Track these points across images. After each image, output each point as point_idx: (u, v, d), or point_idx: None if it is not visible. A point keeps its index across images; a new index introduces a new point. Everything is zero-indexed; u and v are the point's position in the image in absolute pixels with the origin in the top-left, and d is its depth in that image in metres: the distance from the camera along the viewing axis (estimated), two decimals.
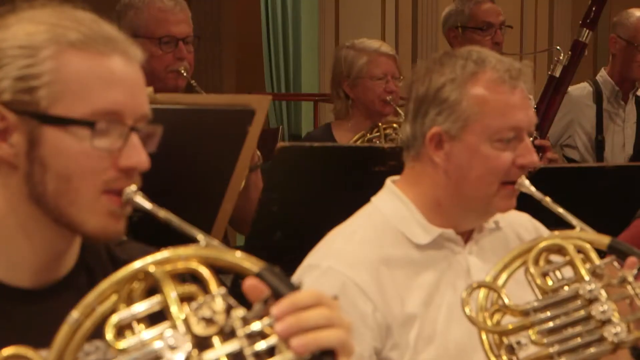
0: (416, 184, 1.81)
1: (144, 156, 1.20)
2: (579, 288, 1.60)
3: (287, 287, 1.04)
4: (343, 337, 1.06)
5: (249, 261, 1.07)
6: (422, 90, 1.77)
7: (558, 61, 3.52)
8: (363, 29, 6.44)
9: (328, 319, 1.06)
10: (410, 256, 1.77)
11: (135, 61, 1.23)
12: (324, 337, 1.04)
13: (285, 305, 1.04)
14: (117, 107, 1.19)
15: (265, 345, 1.02)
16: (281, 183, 2.10)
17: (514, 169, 1.75)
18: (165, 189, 1.88)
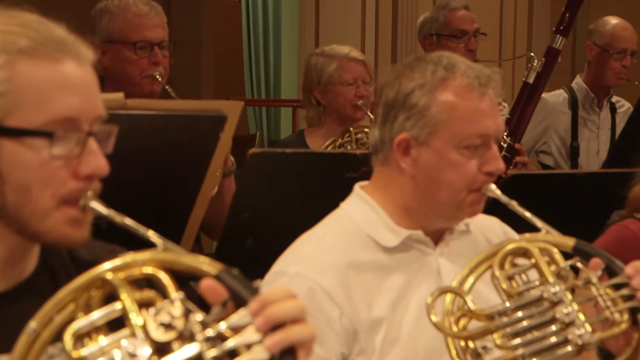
0: (384, 189, 1.83)
1: (102, 161, 1.20)
2: (544, 291, 1.62)
3: (246, 290, 1.05)
4: (312, 333, 1.06)
5: (207, 264, 1.08)
6: (392, 95, 1.78)
7: (532, 68, 3.56)
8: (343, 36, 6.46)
9: (300, 312, 1.06)
10: (379, 260, 1.79)
11: (87, 63, 1.21)
12: (296, 332, 1.04)
13: (261, 299, 1.04)
14: (74, 113, 1.17)
15: (225, 348, 1.03)
16: (253, 189, 2.12)
17: (480, 176, 1.77)
18: (135, 195, 1.90)
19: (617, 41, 3.95)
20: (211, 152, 1.92)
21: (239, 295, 1.05)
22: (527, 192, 2.72)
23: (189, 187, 1.96)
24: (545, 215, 2.80)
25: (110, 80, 2.74)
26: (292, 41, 7.04)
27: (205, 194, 1.99)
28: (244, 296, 1.05)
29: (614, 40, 3.96)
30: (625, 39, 3.96)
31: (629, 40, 3.96)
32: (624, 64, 3.94)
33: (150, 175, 1.89)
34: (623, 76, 3.95)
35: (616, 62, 3.94)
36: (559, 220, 2.81)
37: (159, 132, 1.87)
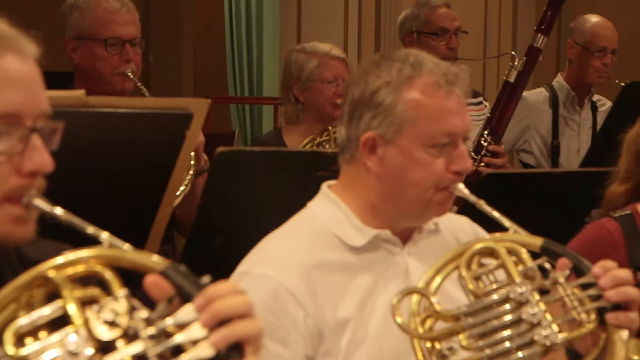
0: (351, 188, 1.80)
1: (46, 157, 1.17)
2: (510, 291, 1.60)
3: (192, 285, 1.03)
4: (259, 328, 1.04)
5: (152, 260, 1.05)
6: (358, 93, 1.76)
7: (513, 67, 3.54)
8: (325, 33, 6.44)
9: (247, 308, 1.04)
10: (346, 260, 1.76)
11: (30, 57, 1.18)
12: (242, 328, 1.02)
13: (206, 295, 1.02)
14: (15, 109, 1.15)
15: (170, 345, 1.01)
16: (221, 188, 2.08)
17: (447, 175, 1.74)
18: (100, 194, 1.87)
19: (598, 39, 3.94)
20: (177, 150, 1.89)
21: (184, 291, 1.03)
22: (502, 191, 2.73)
23: (155, 186, 1.93)
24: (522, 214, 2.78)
25: (80, 78, 2.70)
26: (273, 39, 7.01)
27: (171, 192, 1.96)
28: (190, 292, 1.03)
29: (594, 38, 3.94)
30: (606, 37, 3.94)
31: (610, 39, 3.95)
32: (604, 62, 3.92)
33: (114, 174, 1.86)
34: (604, 74, 3.93)
35: (597, 60, 3.93)
36: (537, 219, 2.79)
37: (123, 130, 1.84)
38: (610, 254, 2.31)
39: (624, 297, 1.59)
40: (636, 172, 2.38)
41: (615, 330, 1.59)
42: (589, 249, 2.34)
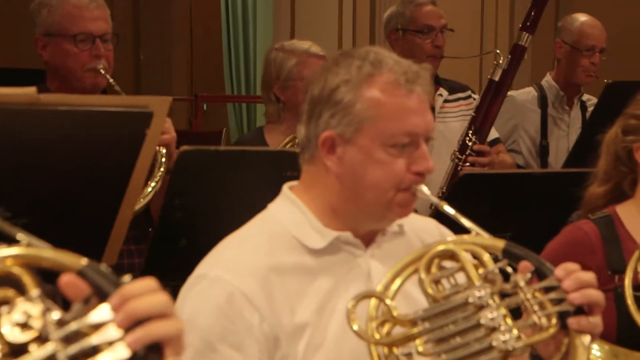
0: (311, 188, 1.76)
1: None
2: (469, 295, 1.56)
3: (110, 285, 0.99)
4: (178, 328, 1.00)
5: (70, 258, 1.01)
6: (317, 91, 1.72)
7: (497, 65, 3.49)
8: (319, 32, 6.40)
9: (165, 307, 1.00)
10: (305, 263, 1.72)
11: None
12: (159, 328, 0.98)
13: (122, 294, 0.98)
14: None
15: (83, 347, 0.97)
16: (184, 189, 2.04)
17: (409, 176, 1.70)
18: (57, 196, 1.83)
19: (586, 38, 3.90)
20: (137, 149, 1.85)
21: (101, 291, 0.99)
22: (480, 192, 2.68)
23: (115, 186, 1.89)
24: (501, 215, 2.75)
25: (51, 75, 2.67)
26: (266, 37, 6.98)
27: (133, 192, 1.92)
28: (107, 291, 0.99)
29: (582, 37, 3.90)
30: (594, 36, 3.90)
31: (598, 38, 3.90)
32: (593, 62, 3.89)
33: (71, 174, 1.82)
34: (592, 74, 3.89)
35: (585, 59, 3.89)
36: (517, 220, 2.77)
37: (78, 129, 1.79)
38: (587, 256, 2.27)
39: (588, 299, 1.55)
40: (615, 174, 2.34)
41: (577, 335, 1.55)
42: (566, 251, 2.30)
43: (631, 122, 2.31)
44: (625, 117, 2.34)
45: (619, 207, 2.33)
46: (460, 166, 3.48)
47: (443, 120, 3.68)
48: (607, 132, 2.38)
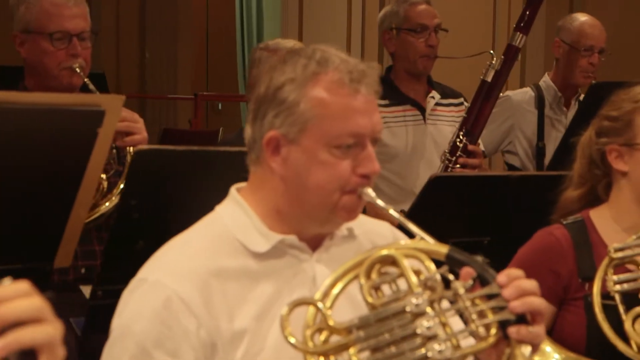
0: (257, 190, 1.72)
1: None
2: (406, 302, 1.52)
3: None
4: (51, 334, 0.96)
5: None
6: (263, 90, 1.68)
7: (490, 65, 3.44)
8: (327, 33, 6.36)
9: (38, 311, 0.96)
10: (248, 267, 1.68)
11: None
12: (29, 334, 0.95)
13: None
14: None
15: None
16: (140, 189, 2.01)
17: (354, 178, 1.65)
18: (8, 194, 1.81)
19: (585, 38, 3.82)
20: (89, 148, 1.82)
21: None
22: (452, 195, 2.63)
23: (66, 186, 1.86)
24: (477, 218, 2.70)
25: (29, 72, 2.67)
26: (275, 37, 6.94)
27: (86, 192, 1.90)
28: None
29: (581, 37, 3.83)
30: (593, 36, 3.82)
31: (597, 38, 3.83)
32: (591, 62, 3.81)
33: (22, 173, 1.80)
34: (590, 74, 3.82)
35: (584, 59, 3.82)
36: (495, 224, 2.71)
37: (29, 127, 1.77)
38: (558, 262, 2.22)
39: (529, 308, 1.50)
40: (590, 177, 2.28)
41: (517, 344, 1.50)
42: (537, 257, 2.25)
43: (604, 124, 2.26)
44: (599, 119, 2.28)
45: (593, 211, 2.27)
46: (450, 167, 3.43)
47: (434, 123, 3.63)
48: (582, 134, 2.33)
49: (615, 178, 2.25)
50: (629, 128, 2.21)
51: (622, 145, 2.21)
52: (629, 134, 2.21)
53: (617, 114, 2.23)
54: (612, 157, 2.23)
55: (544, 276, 2.20)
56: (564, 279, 2.20)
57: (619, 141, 2.22)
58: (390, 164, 3.58)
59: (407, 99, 3.61)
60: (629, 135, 2.21)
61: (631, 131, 2.21)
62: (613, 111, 2.25)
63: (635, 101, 2.22)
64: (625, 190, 2.23)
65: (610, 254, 2.09)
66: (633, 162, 2.20)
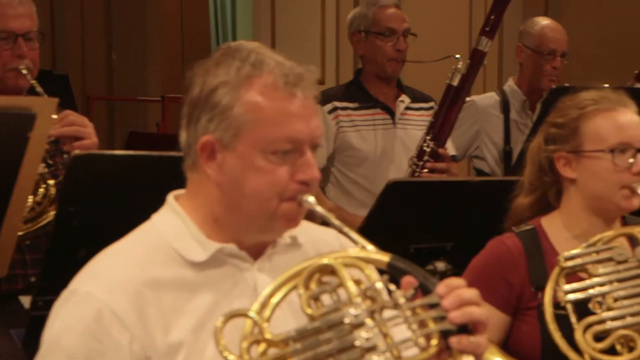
0: (194, 197, 1.66)
1: None
2: (345, 313, 1.46)
3: None
4: None
5: None
6: (196, 93, 1.62)
7: (456, 70, 3.39)
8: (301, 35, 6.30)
9: None
10: (184, 277, 1.62)
11: None
12: None
13: None
14: None
15: None
16: (79, 195, 1.94)
17: (292, 185, 1.60)
18: None
19: (547, 42, 3.81)
20: (20, 153, 1.75)
21: None
22: (411, 201, 2.58)
23: None
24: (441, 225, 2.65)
25: None
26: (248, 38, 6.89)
27: (19, 199, 1.83)
28: None
29: (543, 41, 3.81)
30: (555, 39, 3.81)
31: (559, 41, 3.81)
32: (554, 66, 3.79)
33: None
34: (554, 78, 3.79)
35: (547, 63, 3.79)
36: (456, 230, 2.66)
37: None
38: (510, 271, 2.18)
39: (469, 318, 1.45)
40: (540, 184, 2.24)
41: (459, 354, 1.45)
42: (490, 266, 2.21)
43: (551, 131, 2.22)
44: (546, 126, 2.24)
45: (544, 219, 2.23)
46: (417, 172, 3.38)
47: (404, 127, 3.59)
48: (531, 141, 2.28)
49: (564, 185, 2.22)
50: (576, 135, 2.17)
51: (570, 152, 2.17)
52: (575, 141, 2.17)
53: (563, 121, 2.19)
54: (560, 165, 2.19)
55: (497, 286, 2.16)
56: (516, 288, 2.16)
57: (566, 148, 2.18)
58: (359, 168, 3.54)
59: (377, 103, 3.57)
60: (576, 143, 2.17)
61: (578, 138, 2.17)
62: (559, 118, 2.21)
63: (580, 108, 2.18)
64: (574, 197, 2.19)
65: (561, 263, 2.05)
66: (581, 169, 2.16)
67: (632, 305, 2.01)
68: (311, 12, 6.58)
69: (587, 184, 2.16)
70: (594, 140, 2.15)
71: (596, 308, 2.03)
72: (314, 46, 6.59)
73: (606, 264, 2.07)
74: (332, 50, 6.65)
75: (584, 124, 2.16)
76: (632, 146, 2.14)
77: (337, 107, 3.53)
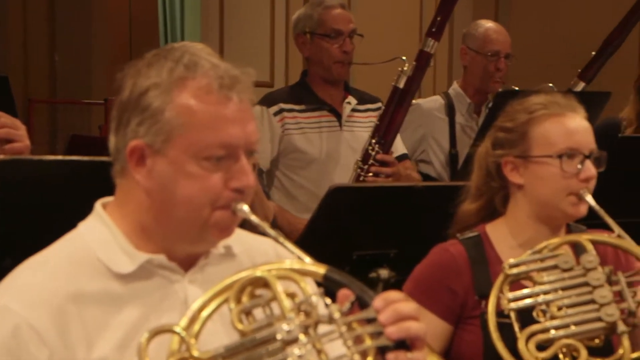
0: (122, 205, 1.59)
1: None
2: (277, 329, 1.40)
3: None
4: None
5: None
6: (126, 95, 1.55)
7: (402, 72, 3.34)
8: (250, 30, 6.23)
9: None
10: (110, 290, 1.54)
11: None
12: None
13: None
14: None
15: None
16: (5, 202, 1.85)
17: (226, 192, 1.53)
18: None
19: (490, 44, 3.79)
20: None
21: None
22: (354, 206, 2.52)
23: None
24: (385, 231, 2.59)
25: None
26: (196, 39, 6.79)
27: None
28: None
29: (486, 43, 3.80)
30: (498, 41, 3.80)
31: (502, 43, 3.80)
32: (498, 67, 3.78)
33: None
34: (498, 80, 3.78)
35: (490, 65, 3.77)
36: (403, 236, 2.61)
37: None
38: (454, 279, 2.13)
39: (406, 333, 1.40)
40: (487, 190, 2.20)
41: None
42: (433, 274, 2.16)
43: (499, 136, 2.17)
44: (494, 130, 2.20)
45: (489, 225, 2.19)
46: (362, 176, 3.33)
47: (350, 129, 3.53)
48: (479, 145, 2.24)
49: (511, 191, 2.17)
50: (524, 140, 2.12)
51: (517, 157, 2.13)
52: (524, 146, 2.12)
53: (512, 125, 2.15)
54: (508, 170, 2.14)
55: (440, 294, 2.12)
56: (460, 296, 2.11)
57: (514, 153, 2.13)
58: (305, 171, 3.47)
59: (324, 105, 3.50)
60: (524, 147, 2.12)
61: (526, 143, 2.12)
62: (508, 122, 2.16)
63: (529, 112, 2.14)
64: (521, 203, 2.15)
65: (505, 270, 2.00)
66: (528, 174, 2.12)
67: (576, 314, 1.98)
68: (260, 13, 6.52)
69: (534, 190, 2.12)
70: (543, 145, 2.11)
71: (540, 317, 1.99)
72: (263, 47, 6.53)
73: (551, 271, 2.03)
74: (281, 51, 6.60)
75: (532, 128, 2.12)
76: (581, 152, 2.10)
77: (283, 109, 3.47)
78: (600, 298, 1.97)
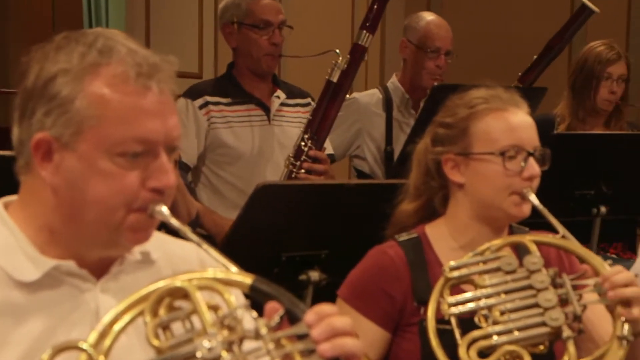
0: (26, 205, 1.43)
1: None
2: (197, 346, 1.25)
3: None
4: None
5: None
6: (31, 82, 1.38)
7: (336, 65, 3.21)
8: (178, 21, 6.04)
9: None
10: (11, 300, 1.37)
11: None
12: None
13: None
14: None
15: None
16: None
17: (144, 193, 1.38)
18: None
19: (432, 39, 3.66)
20: None
21: None
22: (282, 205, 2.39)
23: None
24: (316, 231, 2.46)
25: None
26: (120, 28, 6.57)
27: None
28: None
29: (427, 38, 3.66)
30: (440, 37, 3.66)
31: (443, 39, 3.67)
32: (438, 64, 3.65)
33: None
34: (437, 77, 3.65)
35: (430, 61, 3.65)
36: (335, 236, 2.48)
37: None
38: (392, 284, 2.00)
39: (340, 351, 1.26)
40: (426, 189, 2.07)
41: None
42: (370, 278, 2.03)
43: (439, 132, 2.05)
44: (434, 126, 2.07)
45: (429, 226, 2.07)
46: (294, 173, 3.19)
47: (280, 124, 3.38)
48: (417, 142, 2.11)
49: (452, 190, 2.05)
50: (465, 136, 2.00)
51: (458, 154, 2.01)
52: (464, 143, 2.00)
53: (452, 121, 2.03)
54: (448, 168, 2.02)
55: (377, 299, 1.99)
56: (398, 302, 1.99)
57: (454, 150, 2.01)
58: (233, 167, 3.32)
59: (251, 98, 3.35)
60: (465, 144, 2.00)
61: (467, 139, 2.00)
62: (448, 117, 2.04)
63: (470, 107, 2.02)
64: (462, 203, 2.03)
65: (445, 274, 1.88)
66: (469, 173, 2.00)
67: (520, 319, 1.86)
68: (188, 1, 6.32)
69: (475, 189, 2.00)
70: (484, 142, 1.99)
71: (482, 322, 1.87)
72: (191, 37, 6.33)
73: (494, 274, 1.91)
74: (210, 41, 6.40)
75: (473, 124, 2.00)
76: (524, 149, 1.99)
77: (209, 102, 3.30)
78: (544, 302, 1.87)
